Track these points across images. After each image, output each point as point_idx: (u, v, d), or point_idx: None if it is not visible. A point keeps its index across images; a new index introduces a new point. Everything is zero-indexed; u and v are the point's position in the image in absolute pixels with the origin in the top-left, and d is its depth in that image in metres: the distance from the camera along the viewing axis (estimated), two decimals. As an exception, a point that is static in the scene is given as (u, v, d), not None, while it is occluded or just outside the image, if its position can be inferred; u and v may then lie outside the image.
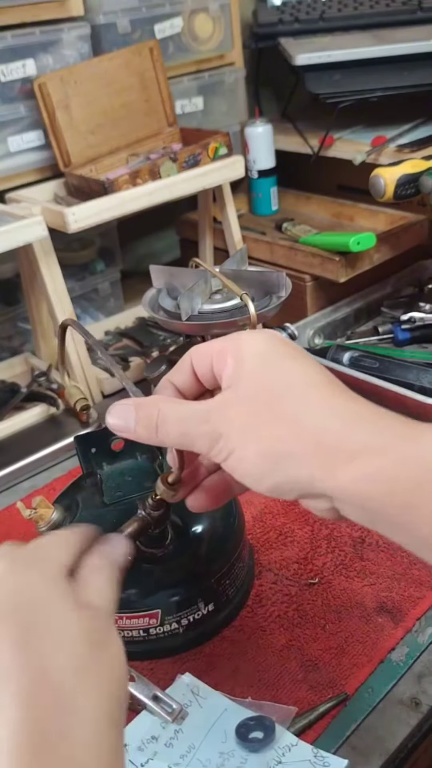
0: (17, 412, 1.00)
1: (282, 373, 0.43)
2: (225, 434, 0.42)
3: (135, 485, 0.67)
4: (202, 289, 0.86)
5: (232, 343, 0.45)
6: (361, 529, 0.76)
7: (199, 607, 0.63)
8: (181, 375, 0.48)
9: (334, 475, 0.40)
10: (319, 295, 1.16)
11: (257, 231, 1.27)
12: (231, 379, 0.44)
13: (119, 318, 1.26)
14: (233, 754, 0.54)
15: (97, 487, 0.68)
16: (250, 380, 0.43)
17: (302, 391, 0.42)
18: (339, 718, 0.57)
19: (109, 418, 0.46)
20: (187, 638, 0.64)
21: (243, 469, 0.43)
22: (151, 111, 1.16)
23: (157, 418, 0.44)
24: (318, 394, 0.42)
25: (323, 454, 0.40)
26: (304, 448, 0.40)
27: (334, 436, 0.40)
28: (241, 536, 0.69)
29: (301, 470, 0.41)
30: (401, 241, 1.17)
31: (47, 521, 0.64)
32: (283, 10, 1.35)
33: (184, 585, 0.63)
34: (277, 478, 0.42)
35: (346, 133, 1.27)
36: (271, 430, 0.41)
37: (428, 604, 0.66)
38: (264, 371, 0.43)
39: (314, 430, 0.40)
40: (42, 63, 1.07)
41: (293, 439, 0.41)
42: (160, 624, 0.62)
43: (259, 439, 0.41)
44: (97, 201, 0.98)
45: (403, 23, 1.28)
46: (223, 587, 0.65)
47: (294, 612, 0.67)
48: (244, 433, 0.42)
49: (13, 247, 0.92)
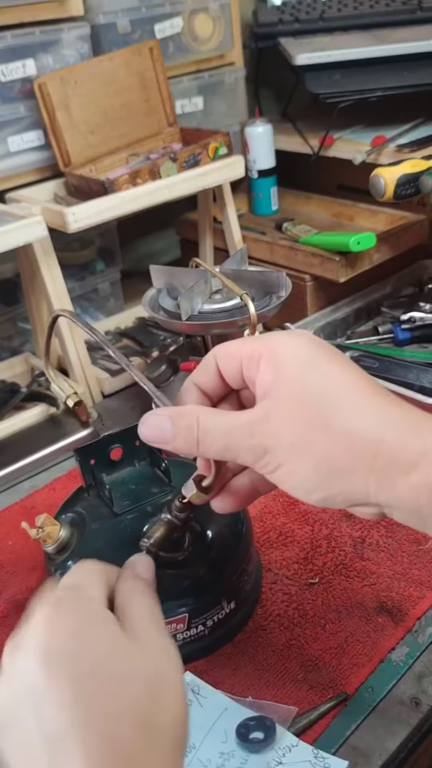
0: (17, 412, 1.00)
1: (325, 380, 0.41)
2: (272, 448, 0.41)
3: (141, 492, 0.67)
4: (202, 289, 0.86)
5: (265, 347, 0.43)
6: (361, 528, 0.76)
7: (222, 606, 0.64)
8: (206, 376, 0.46)
9: (391, 487, 0.39)
10: (319, 295, 1.16)
11: (257, 231, 1.27)
12: (270, 387, 0.42)
13: (119, 318, 1.26)
14: (233, 754, 0.54)
15: (101, 498, 0.68)
16: (293, 389, 0.41)
17: (350, 400, 0.40)
18: (339, 718, 0.57)
19: (143, 430, 0.45)
20: (212, 639, 0.64)
21: (293, 482, 0.41)
22: (151, 111, 1.16)
23: (198, 431, 0.43)
24: (368, 400, 0.41)
25: (380, 468, 0.39)
26: (359, 463, 0.39)
27: (389, 447, 0.39)
28: (251, 531, 0.69)
29: (357, 484, 0.40)
30: (401, 241, 1.17)
31: (55, 539, 0.62)
32: (283, 10, 1.35)
33: (208, 586, 0.63)
34: (331, 492, 0.41)
35: (346, 133, 1.27)
36: (322, 444, 0.40)
37: (428, 604, 0.66)
38: (306, 379, 0.41)
39: (369, 443, 0.39)
40: (42, 63, 1.07)
41: (347, 453, 0.39)
42: (187, 628, 0.62)
43: (310, 454, 0.40)
44: (97, 201, 0.98)
45: (403, 23, 1.28)
46: (241, 584, 0.66)
47: (294, 612, 0.67)
48: (293, 448, 0.40)
49: (13, 247, 0.92)
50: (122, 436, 0.68)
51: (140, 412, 1.03)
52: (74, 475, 0.91)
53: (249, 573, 0.67)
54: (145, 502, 0.66)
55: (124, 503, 0.66)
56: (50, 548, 0.63)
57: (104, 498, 0.67)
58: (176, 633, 0.62)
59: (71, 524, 0.65)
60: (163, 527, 0.54)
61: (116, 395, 1.09)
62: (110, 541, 0.63)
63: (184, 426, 0.43)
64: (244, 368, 0.44)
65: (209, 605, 0.62)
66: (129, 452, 0.69)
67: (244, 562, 0.66)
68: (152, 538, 0.53)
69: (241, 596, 0.66)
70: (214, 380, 0.46)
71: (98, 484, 0.68)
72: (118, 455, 0.69)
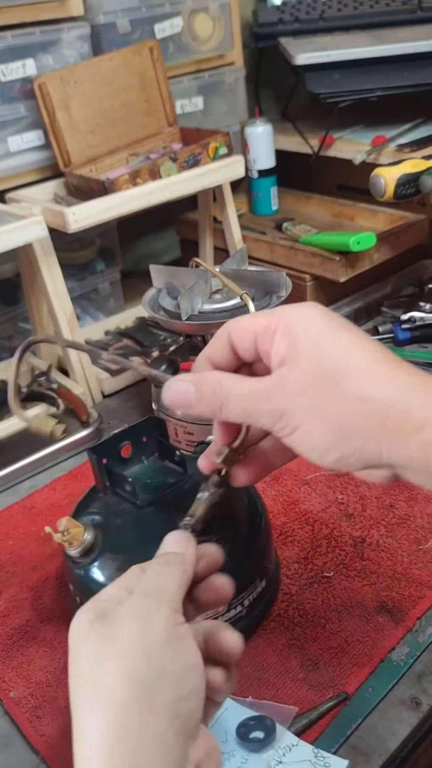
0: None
1: (338, 348, 0.43)
2: (288, 412, 0.43)
3: (158, 485, 0.67)
4: (202, 289, 0.86)
5: (279, 320, 0.44)
6: (361, 528, 0.76)
7: (257, 585, 0.64)
8: (219, 351, 0.48)
9: (403, 445, 0.40)
10: (319, 295, 1.16)
11: (257, 231, 1.27)
12: (286, 357, 0.43)
13: (119, 318, 1.26)
14: (234, 754, 0.54)
15: (118, 495, 0.68)
16: (308, 357, 0.43)
17: (363, 367, 0.42)
18: (339, 718, 0.57)
19: (167, 395, 0.47)
20: (249, 620, 0.65)
21: (308, 444, 0.43)
22: (151, 111, 1.16)
23: (221, 394, 0.45)
24: (380, 366, 0.42)
25: (392, 428, 0.40)
26: (372, 424, 0.41)
27: (400, 409, 0.40)
28: (266, 511, 0.70)
29: (370, 444, 0.41)
30: (401, 240, 1.17)
31: (80, 542, 0.62)
32: (283, 10, 1.35)
33: (243, 565, 0.63)
34: (344, 452, 0.42)
35: (346, 132, 1.27)
36: (336, 405, 0.41)
37: (428, 604, 0.66)
38: (320, 348, 0.43)
39: (382, 404, 0.41)
40: (42, 63, 1.07)
41: (361, 414, 0.41)
42: (228, 610, 0.62)
43: (325, 415, 0.42)
44: (97, 201, 0.98)
45: (403, 23, 1.28)
46: (267, 561, 0.67)
47: (294, 611, 0.67)
48: (309, 411, 0.42)
49: (13, 247, 0.92)
50: (131, 432, 0.69)
51: (140, 411, 1.03)
52: (75, 474, 0.91)
53: (271, 551, 0.69)
54: (165, 492, 0.66)
55: (145, 496, 0.66)
56: (75, 551, 0.62)
57: (123, 494, 0.67)
58: (217, 616, 0.62)
59: (93, 525, 0.64)
60: (203, 505, 0.54)
61: (116, 395, 1.09)
62: (138, 534, 0.63)
63: (208, 390, 0.45)
64: (258, 341, 0.45)
65: (246, 584, 0.63)
66: (137, 449, 0.70)
67: (269, 541, 0.68)
68: (194, 516, 0.54)
69: (269, 573, 0.67)
70: (226, 354, 0.48)
71: (116, 481, 0.68)
72: (128, 452, 0.69)
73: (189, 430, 0.85)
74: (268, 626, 0.66)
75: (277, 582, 0.70)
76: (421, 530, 0.75)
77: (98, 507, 0.68)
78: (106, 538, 0.64)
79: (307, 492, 0.82)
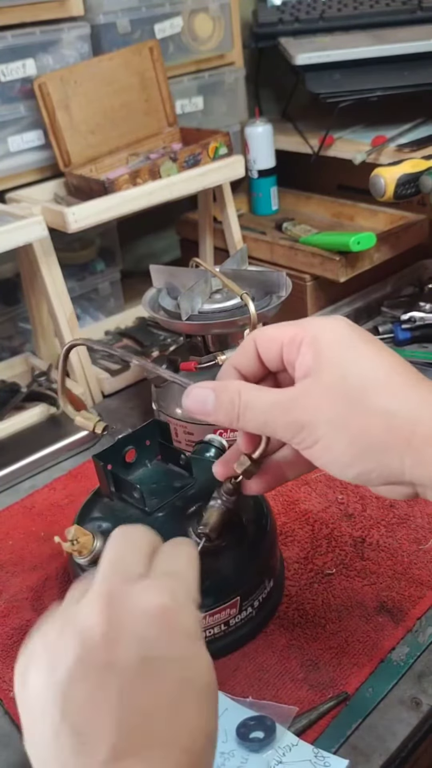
0: (17, 412, 1.00)
1: (364, 362, 0.43)
2: (309, 424, 0.42)
3: (165, 489, 0.67)
4: (202, 289, 0.86)
5: (305, 331, 0.44)
6: (361, 528, 0.76)
7: (266, 585, 0.65)
8: (245, 359, 0.48)
9: (426, 463, 0.40)
10: (319, 295, 1.16)
11: (257, 231, 1.27)
12: (310, 368, 0.43)
13: (119, 318, 1.26)
14: (234, 754, 0.54)
15: (124, 500, 0.67)
16: (332, 369, 0.43)
17: (388, 382, 0.42)
18: (339, 718, 0.57)
19: (186, 401, 0.47)
20: (259, 620, 0.65)
21: (329, 457, 0.43)
22: (151, 111, 1.16)
23: (239, 405, 0.45)
24: (404, 382, 0.42)
25: (418, 444, 0.40)
26: (396, 439, 0.41)
27: (426, 426, 0.40)
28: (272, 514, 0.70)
29: (393, 460, 0.41)
30: (401, 240, 1.17)
31: (90, 550, 0.61)
32: (283, 10, 1.35)
33: (252, 567, 0.64)
34: (366, 466, 0.42)
35: (346, 132, 1.27)
36: (360, 420, 0.41)
37: (428, 604, 0.66)
38: (345, 361, 0.43)
39: (406, 422, 0.41)
40: (42, 63, 1.07)
41: (385, 429, 0.41)
42: (239, 612, 0.62)
43: (347, 429, 0.42)
44: (97, 201, 0.98)
45: (403, 23, 1.28)
46: (274, 560, 0.67)
47: (294, 611, 0.67)
48: (331, 424, 0.42)
49: (13, 247, 0.92)
50: (134, 437, 0.69)
51: (140, 411, 1.03)
52: (74, 474, 0.91)
53: (277, 551, 0.69)
54: (173, 497, 0.66)
55: (152, 501, 0.66)
56: (84, 560, 0.61)
57: (130, 500, 0.67)
58: (229, 619, 0.62)
59: (102, 533, 0.63)
60: (216, 512, 0.54)
61: (116, 395, 1.09)
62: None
63: (227, 400, 0.45)
64: (284, 351, 0.45)
65: (255, 586, 0.64)
66: (140, 453, 0.70)
67: (275, 543, 0.68)
68: (208, 524, 0.54)
69: (276, 573, 0.67)
70: (252, 363, 0.48)
71: (122, 487, 0.67)
72: (132, 457, 0.69)
73: (189, 430, 0.85)
74: (268, 627, 0.66)
75: (283, 581, 0.70)
76: (421, 530, 0.75)
77: (104, 513, 0.67)
78: None
79: (307, 492, 0.82)
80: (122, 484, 0.67)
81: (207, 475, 0.55)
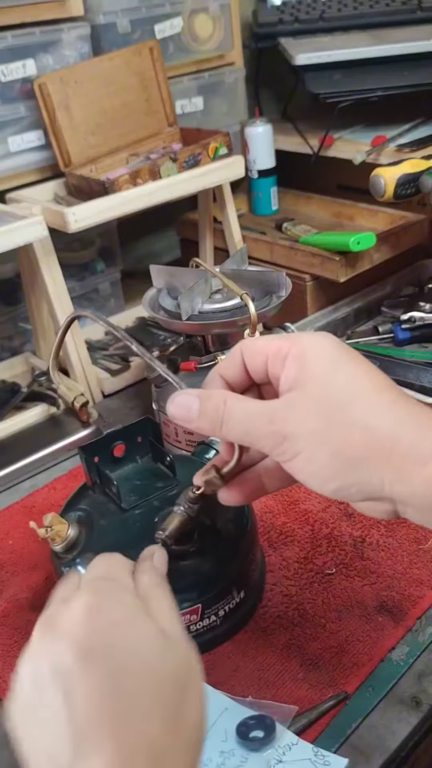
0: (17, 412, 1.00)
1: (348, 379, 0.43)
2: (291, 436, 0.43)
3: (147, 487, 0.67)
4: (202, 289, 0.86)
5: (293, 345, 0.45)
6: (361, 528, 0.76)
7: (233, 596, 0.64)
8: (231, 368, 0.48)
9: (407, 479, 0.40)
10: (319, 295, 1.16)
11: (257, 231, 1.27)
12: (295, 381, 0.44)
13: (119, 318, 1.26)
14: (234, 753, 0.54)
15: (107, 494, 0.68)
16: (317, 383, 0.43)
17: (372, 396, 0.42)
18: (339, 717, 0.57)
19: (170, 407, 0.47)
20: (224, 629, 0.64)
21: (309, 471, 0.43)
22: (151, 111, 1.16)
23: (224, 413, 0.45)
24: (387, 399, 0.43)
25: (397, 461, 0.41)
26: (377, 454, 0.41)
27: (406, 444, 0.41)
28: (255, 521, 0.70)
29: (373, 475, 0.41)
30: (401, 240, 1.17)
31: (63, 538, 0.63)
32: (283, 10, 1.35)
33: (219, 576, 0.63)
34: (346, 481, 0.42)
35: (346, 133, 1.27)
36: (342, 434, 0.42)
37: (428, 604, 0.66)
38: (330, 377, 0.43)
39: (386, 439, 0.41)
40: (42, 63, 1.07)
41: (366, 444, 0.41)
42: (201, 619, 0.62)
43: (329, 443, 0.42)
44: (97, 201, 0.98)
45: (403, 23, 1.28)
46: (249, 572, 0.67)
47: (294, 611, 0.67)
48: (313, 437, 0.42)
49: (13, 247, 0.92)
50: (125, 432, 0.69)
51: (140, 411, 1.03)
52: (75, 474, 0.91)
53: (256, 562, 0.68)
54: (152, 497, 0.66)
55: (131, 498, 0.66)
56: (59, 547, 0.63)
57: (110, 495, 0.68)
58: (189, 624, 0.62)
59: (78, 522, 0.65)
60: (177, 519, 0.55)
61: (116, 395, 1.09)
62: (120, 537, 0.63)
63: (211, 407, 0.45)
64: (269, 364, 0.46)
65: (221, 595, 0.63)
66: (131, 449, 0.70)
67: (251, 552, 0.67)
68: (167, 530, 0.54)
69: (250, 585, 0.67)
70: (238, 373, 0.48)
71: (104, 481, 0.68)
72: (121, 452, 0.69)
73: (189, 431, 0.85)
74: (268, 627, 0.66)
75: (260, 594, 0.69)
76: (421, 530, 0.75)
77: (87, 504, 0.68)
78: (90, 537, 0.64)
79: (307, 492, 0.82)
80: (104, 477, 0.68)
81: (192, 478, 0.55)
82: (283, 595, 0.69)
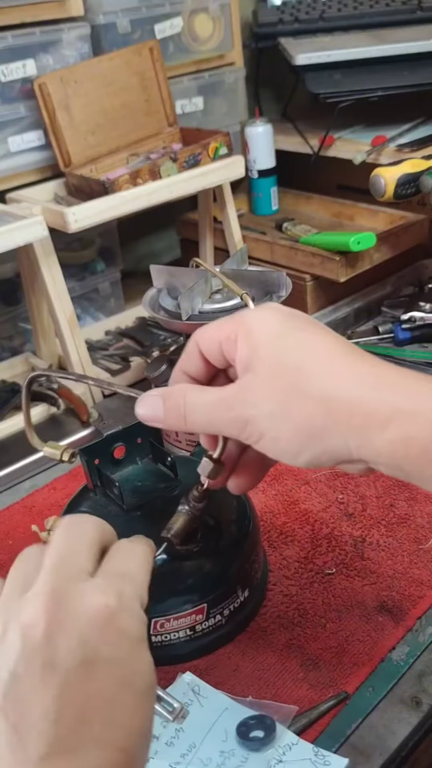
0: (17, 412, 1.00)
1: (299, 348, 0.43)
2: (252, 419, 0.43)
3: (148, 488, 0.68)
4: (203, 289, 0.86)
5: (240, 326, 0.45)
6: (361, 528, 0.76)
7: (238, 595, 0.64)
8: (190, 362, 0.48)
9: (369, 442, 0.40)
10: (319, 295, 1.16)
11: (257, 231, 1.27)
12: (247, 363, 0.43)
13: (119, 318, 1.26)
14: (234, 753, 0.54)
15: (108, 496, 0.68)
16: (268, 361, 0.43)
17: (324, 363, 0.42)
18: (340, 717, 0.57)
19: (138, 410, 0.47)
20: (230, 629, 0.64)
21: (278, 449, 0.43)
22: (151, 111, 1.16)
23: (185, 408, 0.45)
24: (341, 363, 0.42)
25: (357, 424, 0.40)
26: (337, 421, 0.41)
27: (365, 404, 0.40)
28: (257, 519, 0.70)
29: (337, 442, 0.41)
30: (401, 240, 1.17)
31: None
32: (283, 10, 1.35)
33: (224, 576, 0.63)
34: (315, 452, 0.42)
35: (346, 132, 1.28)
36: (300, 408, 0.41)
37: (429, 604, 0.66)
38: (280, 350, 0.43)
39: (344, 401, 0.41)
40: (42, 63, 1.07)
41: (325, 413, 0.41)
42: (206, 618, 0.62)
43: (289, 418, 0.42)
44: (97, 201, 0.98)
45: (403, 23, 1.28)
46: (252, 571, 0.67)
47: (294, 611, 0.67)
48: (273, 416, 0.42)
49: (13, 247, 0.92)
50: (125, 434, 0.69)
51: (140, 411, 1.03)
52: (74, 474, 0.91)
53: (259, 561, 0.68)
54: (154, 498, 0.66)
55: (132, 500, 0.66)
56: None
57: (111, 496, 0.67)
58: (195, 624, 0.62)
59: None
60: (182, 518, 0.55)
61: (116, 395, 1.09)
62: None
63: (173, 404, 0.46)
64: (224, 350, 0.45)
65: (225, 594, 0.63)
66: (131, 450, 0.70)
67: (254, 551, 0.67)
68: (173, 529, 0.54)
69: (254, 583, 0.67)
70: (199, 365, 0.48)
71: (105, 482, 0.68)
72: (122, 453, 0.69)
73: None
74: (268, 628, 0.66)
75: (263, 590, 0.69)
76: (422, 530, 0.75)
77: (88, 506, 0.68)
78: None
79: (307, 492, 0.82)
80: (105, 479, 0.68)
81: (193, 478, 0.55)
82: (283, 595, 0.69)
